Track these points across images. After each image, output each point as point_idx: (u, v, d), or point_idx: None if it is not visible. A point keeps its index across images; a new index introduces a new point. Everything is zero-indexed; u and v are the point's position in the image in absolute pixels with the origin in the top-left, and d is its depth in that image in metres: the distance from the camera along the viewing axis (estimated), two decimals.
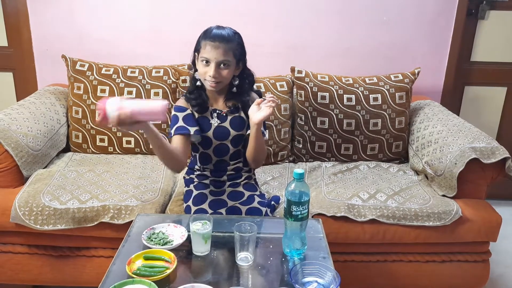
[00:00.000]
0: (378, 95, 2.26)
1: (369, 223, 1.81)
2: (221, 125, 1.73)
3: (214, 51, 1.58)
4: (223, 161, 1.78)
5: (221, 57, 1.58)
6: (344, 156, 2.28)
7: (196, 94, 1.70)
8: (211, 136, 1.72)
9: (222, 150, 1.75)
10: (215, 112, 1.73)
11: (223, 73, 1.62)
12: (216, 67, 1.59)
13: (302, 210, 1.35)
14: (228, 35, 1.60)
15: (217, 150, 1.75)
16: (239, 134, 1.75)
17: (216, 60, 1.58)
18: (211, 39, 1.58)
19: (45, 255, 1.87)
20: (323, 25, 2.52)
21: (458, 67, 2.62)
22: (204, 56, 1.60)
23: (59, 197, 1.82)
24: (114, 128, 2.23)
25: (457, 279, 1.95)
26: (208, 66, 1.60)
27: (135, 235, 1.50)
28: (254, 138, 1.63)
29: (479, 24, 2.58)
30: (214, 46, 1.57)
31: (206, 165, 1.79)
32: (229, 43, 1.59)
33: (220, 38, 1.58)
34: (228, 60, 1.60)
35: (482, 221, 1.85)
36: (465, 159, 1.83)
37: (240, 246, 1.35)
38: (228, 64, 1.61)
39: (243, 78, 1.72)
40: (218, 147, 1.74)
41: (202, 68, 1.62)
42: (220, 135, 1.73)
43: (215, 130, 1.72)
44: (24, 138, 1.94)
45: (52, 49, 2.53)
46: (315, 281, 1.26)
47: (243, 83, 1.72)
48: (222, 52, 1.58)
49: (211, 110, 1.73)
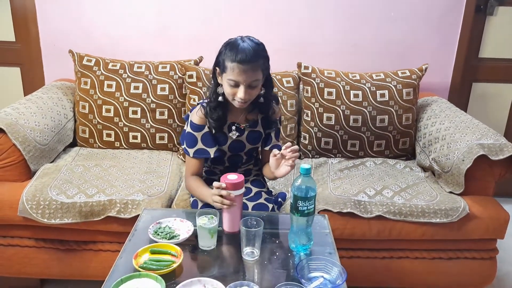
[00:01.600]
0: (385, 91, 2.25)
1: (376, 220, 1.81)
2: (238, 139, 1.67)
3: (243, 74, 1.47)
4: (235, 165, 1.78)
5: (251, 78, 1.49)
6: (350, 153, 2.28)
7: (219, 112, 1.60)
8: (226, 149, 1.70)
9: (236, 159, 1.75)
10: (234, 125, 1.66)
11: (253, 93, 1.54)
12: (246, 89, 1.50)
13: (308, 206, 1.35)
14: (255, 53, 1.48)
15: (230, 159, 1.75)
16: (254, 147, 1.74)
17: (246, 83, 1.49)
18: (240, 62, 1.46)
19: (52, 249, 1.89)
20: (330, 21, 2.51)
21: (466, 64, 2.60)
22: (232, 79, 1.49)
23: (66, 191, 1.83)
24: (120, 123, 2.24)
25: (463, 276, 1.94)
26: (237, 88, 1.50)
27: (142, 229, 1.50)
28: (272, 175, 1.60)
29: (488, 20, 2.56)
30: (243, 69, 1.46)
31: (217, 165, 1.79)
32: (257, 61, 1.48)
33: (248, 60, 1.46)
34: (258, 80, 1.51)
35: (489, 218, 1.83)
36: (472, 156, 1.82)
37: (246, 241, 1.35)
38: (258, 83, 1.53)
39: (268, 85, 1.61)
40: (231, 157, 1.74)
41: (230, 89, 1.52)
42: (236, 149, 1.71)
43: (231, 144, 1.68)
44: (31, 132, 1.95)
45: (59, 44, 2.54)
46: (321, 276, 1.26)
47: (269, 91, 1.63)
48: (252, 74, 1.48)
49: (229, 123, 1.66)
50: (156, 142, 2.27)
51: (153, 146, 2.29)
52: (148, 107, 2.24)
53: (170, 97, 2.25)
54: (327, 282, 1.25)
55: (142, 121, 2.24)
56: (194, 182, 1.67)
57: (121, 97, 2.23)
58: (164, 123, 2.26)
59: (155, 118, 2.25)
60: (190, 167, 1.69)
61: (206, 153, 1.64)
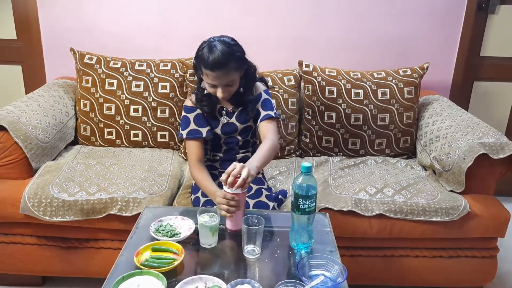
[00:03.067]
0: (386, 90, 2.25)
1: (376, 218, 1.81)
2: (229, 121, 1.76)
3: (217, 79, 1.59)
4: (233, 149, 1.81)
5: (225, 80, 1.60)
6: (351, 151, 2.28)
7: (208, 100, 1.72)
8: (219, 132, 1.76)
9: (232, 141, 1.80)
10: (223, 110, 1.76)
11: (232, 89, 1.65)
12: (224, 88, 1.62)
13: (309, 204, 1.35)
14: (224, 58, 1.55)
15: (226, 142, 1.80)
16: (246, 126, 1.78)
17: (221, 84, 1.61)
18: (210, 68, 1.56)
19: (54, 246, 1.89)
20: (332, 19, 2.51)
21: (468, 62, 2.60)
22: (209, 82, 1.61)
23: (67, 189, 1.83)
24: (121, 121, 2.24)
25: (464, 275, 1.94)
26: (216, 88, 1.62)
27: (143, 227, 1.50)
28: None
29: (489, 19, 2.56)
30: (215, 76, 1.58)
31: (216, 152, 1.83)
32: (228, 65, 1.57)
33: (218, 66, 1.55)
34: (233, 79, 1.62)
35: (490, 217, 1.84)
36: (473, 154, 1.82)
37: (247, 239, 1.35)
38: (233, 82, 1.63)
39: (248, 75, 1.71)
40: (227, 140, 1.79)
41: (209, 88, 1.65)
42: (229, 131, 1.77)
43: (223, 126, 1.76)
44: (33, 130, 1.96)
45: (60, 42, 2.54)
46: (322, 274, 1.26)
47: (249, 80, 1.72)
48: (225, 76, 1.59)
49: (219, 108, 1.76)
50: (157, 140, 2.28)
51: (154, 144, 2.29)
52: (149, 105, 2.24)
53: (171, 95, 2.25)
54: (328, 280, 1.25)
55: (143, 119, 2.25)
56: (199, 173, 1.69)
57: (123, 95, 2.23)
58: (165, 121, 2.26)
59: (156, 116, 2.25)
60: (190, 152, 1.73)
61: (198, 133, 1.72)
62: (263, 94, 1.76)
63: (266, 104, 1.74)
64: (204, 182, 1.66)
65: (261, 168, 1.58)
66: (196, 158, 1.72)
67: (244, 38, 1.70)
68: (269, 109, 1.73)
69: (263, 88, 1.78)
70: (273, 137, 1.66)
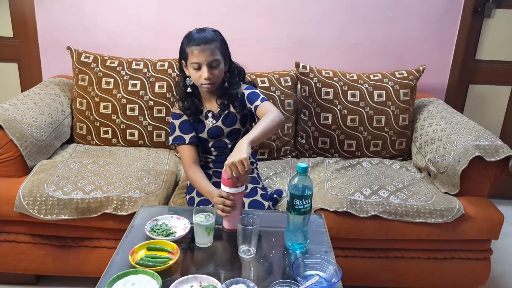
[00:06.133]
0: (383, 92, 2.26)
1: (371, 219, 1.81)
2: (215, 125, 1.78)
3: (202, 54, 1.63)
4: (224, 153, 1.81)
5: (210, 57, 1.64)
6: (347, 152, 2.28)
7: (189, 101, 1.76)
8: (205, 136, 1.79)
9: (220, 145, 1.81)
10: (210, 113, 1.78)
11: (216, 73, 1.68)
12: (208, 68, 1.65)
13: (305, 204, 1.36)
14: (210, 36, 1.65)
15: (215, 146, 1.81)
16: (233, 129, 1.79)
17: (207, 62, 1.64)
18: (196, 43, 1.63)
19: (49, 245, 1.88)
20: (329, 20, 2.52)
21: (463, 65, 2.62)
22: (194, 61, 1.65)
23: (63, 187, 1.82)
24: (118, 120, 2.24)
25: (458, 277, 1.95)
26: (201, 70, 1.65)
27: (138, 226, 1.50)
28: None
29: (485, 23, 2.57)
30: (200, 49, 1.62)
31: (208, 154, 1.85)
32: (213, 42, 1.65)
33: (204, 41, 1.63)
34: (217, 59, 1.66)
35: (484, 219, 1.85)
36: (468, 157, 1.83)
37: (242, 238, 1.35)
38: (218, 63, 1.67)
39: (232, 72, 1.77)
40: (215, 143, 1.81)
41: (195, 74, 1.68)
42: (215, 134, 1.79)
43: (209, 130, 1.78)
44: (28, 128, 1.95)
45: (57, 40, 2.53)
46: (317, 275, 1.26)
47: (233, 77, 1.77)
48: (210, 53, 1.63)
49: (205, 112, 1.79)
50: (153, 139, 2.27)
51: (150, 143, 2.29)
52: (145, 104, 2.24)
53: (168, 95, 2.25)
54: (322, 280, 1.25)
55: (139, 118, 2.24)
56: (195, 174, 1.70)
57: (119, 94, 2.23)
58: (161, 120, 2.26)
59: (153, 116, 2.25)
60: (183, 156, 1.77)
61: (181, 139, 1.77)
62: (245, 91, 1.76)
63: (253, 96, 1.72)
64: (200, 182, 1.66)
65: (259, 139, 1.50)
66: (190, 160, 1.74)
67: (242, 39, 1.71)
68: (257, 97, 1.71)
69: (245, 86, 1.80)
70: (271, 110, 1.61)
